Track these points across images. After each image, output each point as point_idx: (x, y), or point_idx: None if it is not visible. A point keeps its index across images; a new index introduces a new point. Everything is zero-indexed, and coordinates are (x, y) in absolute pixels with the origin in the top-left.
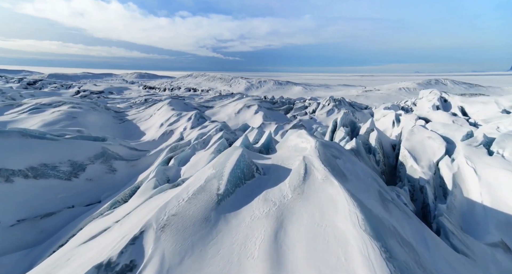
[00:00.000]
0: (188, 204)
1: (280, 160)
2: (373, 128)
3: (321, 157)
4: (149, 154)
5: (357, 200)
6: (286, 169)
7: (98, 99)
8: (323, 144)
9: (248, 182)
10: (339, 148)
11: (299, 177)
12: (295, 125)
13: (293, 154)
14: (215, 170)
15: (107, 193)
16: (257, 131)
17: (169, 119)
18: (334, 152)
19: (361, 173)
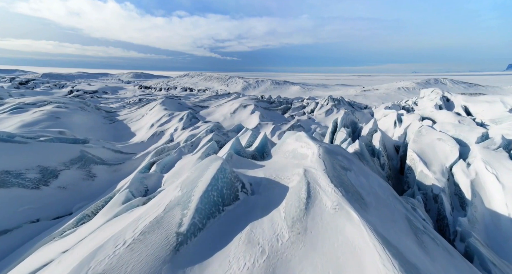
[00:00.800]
0: (129, 252)
1: (275, 170)
2: (376, 129)
3: (328, 171)
4: (135, 157)
5: (390, 246)
6: (281, 186)
7: (92, 99)
8: (328, 151)
9: (229, 209)
10: (347, 154)
11: (299, 203)
12: (293, 126)
13: (290, 162)
14: (182, 192)
15: (82, 203)
16: (251, 133)
17: (160, 119)
18: (342, 161)
19: (379, 190)
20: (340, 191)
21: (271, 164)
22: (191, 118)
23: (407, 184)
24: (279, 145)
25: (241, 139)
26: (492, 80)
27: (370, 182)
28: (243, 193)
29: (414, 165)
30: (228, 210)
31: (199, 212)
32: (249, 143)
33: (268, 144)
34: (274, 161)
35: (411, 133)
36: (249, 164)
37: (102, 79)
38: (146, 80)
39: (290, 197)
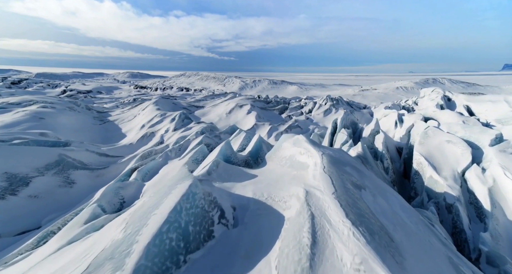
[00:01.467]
0: None
1: (268, 185)
2: (379, 130)
3: (340, 195)
4: (121, 161)
5: None
6: (275, 213)
7: (85, 98)
8: (334, 161)
9: (194, 257)
10: (355, 164)
11: (300, 254)
12: (291, 126)
13: (288, 173)
14: (124, 234)
15: (54, 214)
16: (245, 135)
17: (151, 119)
18: (353, 175)
19: (405, 216)
20: (362, 234)
21: (265, 174)
22: (184, 119)
23: (413, 190)
24: (275, 149)
25: (234, 142)
26: (488, 80)
27: (392, 205)
28: (221, 226)
29: (422, 169)
30: (193, 261)
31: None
32: (242, 147)
33: (263, 148)
34: (268, 169)
35: (416, 134)
36: (238, 174)
37: (98, 79)
38: (143, 80)
39: (286, 239)
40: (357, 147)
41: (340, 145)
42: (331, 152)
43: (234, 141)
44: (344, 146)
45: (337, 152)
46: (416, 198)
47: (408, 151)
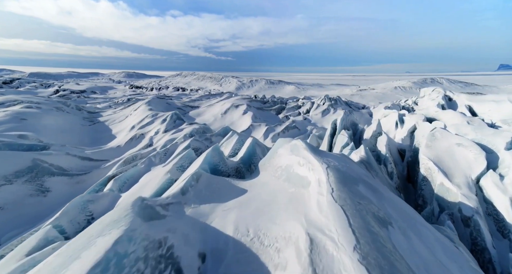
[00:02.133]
0: None
1: (256, 214)
2: (381, 132)
3: (365, 251)
4: (106, 165)
5: None
6: (261, 269)
7: (78, 98)
8: (343, 178)
9: None
10: (366, 177)
11: None
12: (288, 127)
13: (283, 190)
14: None
15: (19, 230)
16: (237, 138)
17: (142, 120)
18: (371, 200)
19: (449, 263)
20: None
21: (256, 189)
22: (176, 120)
23: (421, 197)
24: (269, 156)
25: (226, 145)
26: (485, 80)
27: (430, 247)
28: None
29: (431, 175)
30: None
31: None
32: (234, 151)
33: (257, 152)
34: (261, 182)
35: (421, 136)
36: (223, 190)
37: (93, 79)
38: (138, 79)
39: None
40: (359, 150)
41: (340, 148)
42: (336, 162)
43: (225, 145)
44: (345, 149)
45: (343, 162)
46: (426, 208)
47: (412, 154)
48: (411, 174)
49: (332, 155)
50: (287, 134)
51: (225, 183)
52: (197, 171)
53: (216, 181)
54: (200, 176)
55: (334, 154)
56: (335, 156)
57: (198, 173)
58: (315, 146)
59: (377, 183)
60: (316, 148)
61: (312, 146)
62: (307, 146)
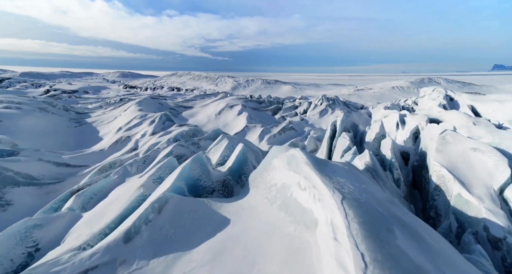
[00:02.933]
0: None
1: (237, 261)
2: (385, 134)
3: None
4: (83, 172)
5: None
6: None
7: (69, 98)
8: (372, 224)
9: None
10: (400, 211)
11: None
12: (284, 128)
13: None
14: None
15: None
16: (227, 143)
17: (129, 122)
18: (418, 266)
19: None
20: None
21: (241, 219)
22: (165, 121)
23: (434, 209)
24: (262, 168)
25: (214, 152)
26: (480, 80)
27: None
28: None
29: (445, 185)
30: None
31: None
32: (223, 158)
33: (248, 160)
34: (248, 206)
35: (429, 139)
36: (194, 226)
37: (86, 79)
38: (133, 79)
39: None
40: (363, 156)
41: (341, 152)
42: (351, 184)
43: (214, 151)
44: (347, 154)
45: (357, 180)
46: (440, 220)
47: (419, 158)
48: (416, 180)
49: (340, 169)
50: (283, 135)
51: (202, 210)
52: (162, 196)
53: (190, 207)
54: (166, 202)
55: (340, 165)
56: (344, 170)
57: (163, 199)
58: (317, 158)
59: (421, 223)
60: (319, 160)
61: (315, 158)
62: (308, 159)
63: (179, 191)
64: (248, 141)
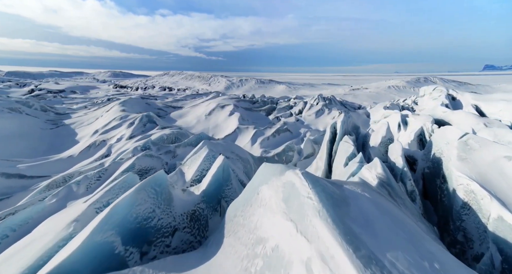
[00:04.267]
0: None
1: None
2: (392, 137)
3: None
4: (39, 185)
5: None
6: None
7: (54, 98)
8: None
9: None
10: None
11: None
12: (279, 130)
13: None
14: None
15: None
16: (206, 154)
17: (108, 124)
18: None
19: None
20: None
21: None
22: (146, 123)
23: (462, 232)
24: (245, 199)
25: (191, 163)
26: (472, 80)
27: None
28: None
29: (477, 203)
30: None
31: None
32: (201, 173)
33: (231, 178)
34: None
35: (444, 143)
36: None
37: (76, 78)
38: (125, 79)
39: None
40: (373, 166)
41: (345, 160)
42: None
43: (190, 162)
44: (352, 162)
45: (418, 254)
46: (475, 250)
47: (431, 165)
48: (428, 189)
49: (374, 217)
50: (277, 138)
51: None
52: None
53: None
54: None
55: (357, 191)
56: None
57: None
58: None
59: None
60: (335, 197)
61: (328, 196)
62: (320, 201)
63: (101, 250)
64: (236, 147)
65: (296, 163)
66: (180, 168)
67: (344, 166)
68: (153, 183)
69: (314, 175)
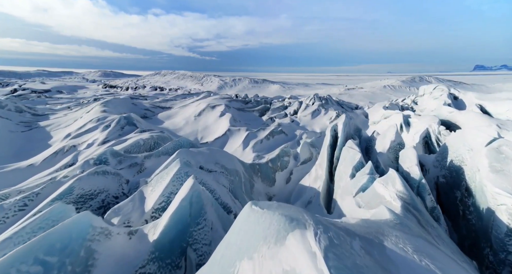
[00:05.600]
0: None
1: None
2: (402, 142)
3: None
4: None
5: None
6: None
7: (38, 98)
8: None
9: None
10: None
11: None
12: (273, 132)
13: None
14: None
15: None
16: (177, 169)
17: (83, 126)
18: None
19: None
20: None
21: None
22: (125, 125)
23: (507, 266)
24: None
25: (155, 184)
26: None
27: None
28: None
29: None
30: None
31: None
32: (168, 198)
33: (205, 213)
34: None
35: (466, 150)
36: None
37: (64, 78)
38: (115, 79)
39: None
40: (389, 180)
41: (351, 169)
42: None
43: (156, 181)
44: (361, 174)
45: None
46: None
47: (448, 173)
48: (443, 201)
49: None
50: (271, 140)
51: None
52: None
53: None
54: None
55: (400, 253)
56: None
57: None
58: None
59: None
60: None
61: None
62: None
63: None
64: (222, 155)
65: (292, 170)
66: (142, 190)
67: (350, 177)
68: (57, 242)
69: (340, 239)
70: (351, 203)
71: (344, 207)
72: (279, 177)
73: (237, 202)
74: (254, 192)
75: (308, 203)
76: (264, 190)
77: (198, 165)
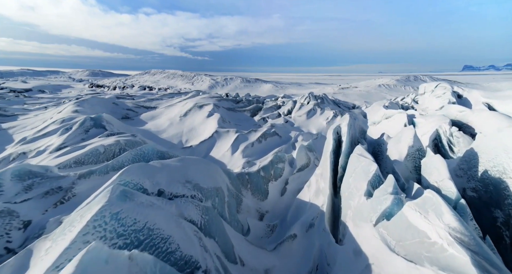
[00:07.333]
0: None
1: None
2: (422, 148)
3: None
4: None
5: None
6: None
7: (16, 98)
8: None
9: None
10: None
11: None
12: (265, 134)
13: None
14: None
15: None
16: (94, 219)
17: (44, 128)
18: None
19: None
20: None
21: None
22: (90, 128)
23: None
24: None
25: (56, 240)
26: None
27: None
28: None
29: None
30: None
31: None
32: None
33: None
34: None
35: (509, 157)
36: None
37: (50, 77)
38: (104, 78)
39: None
40: (431, 208)
41: (366, 186)
42: None
43: (57, 235)
44: (381, 193)
45: None
46: None
47: (481, 187)
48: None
49: None
50: (264, 144)
51: None
52: None
53: None
54: None
55: None
56: None
57: None
58: None
59: None
60: None
61: None
62: None
63: None
64: (199, 169)
65: (287, 179)
66: (32, 249)
67: (365, 195)
68: None
69: None
70: (372, 236)
71: (361, 240)
72: (273, 188)
73: (211, 248)
74: (243, 210)
75: (309, 227)
76: (255, 205)
77: (156, 187)
